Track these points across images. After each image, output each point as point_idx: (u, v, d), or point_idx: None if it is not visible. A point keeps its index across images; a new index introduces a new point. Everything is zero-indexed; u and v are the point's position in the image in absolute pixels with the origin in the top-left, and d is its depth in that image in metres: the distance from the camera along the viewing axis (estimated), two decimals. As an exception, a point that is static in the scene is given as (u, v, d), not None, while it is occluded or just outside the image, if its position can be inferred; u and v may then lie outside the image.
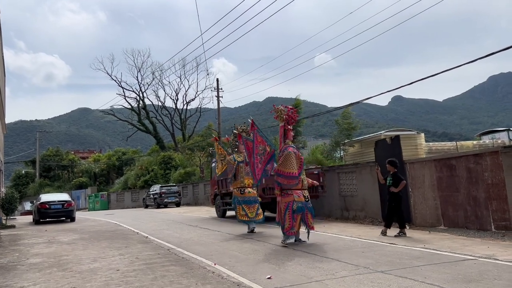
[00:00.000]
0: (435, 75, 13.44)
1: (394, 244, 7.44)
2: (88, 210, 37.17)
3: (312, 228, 7.96)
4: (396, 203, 8.61)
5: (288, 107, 8.34)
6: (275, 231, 10.41)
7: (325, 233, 9.57)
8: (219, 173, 11.52)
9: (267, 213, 14.39)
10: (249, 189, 10.25)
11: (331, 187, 13.10)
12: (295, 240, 7.99)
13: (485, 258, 5.79)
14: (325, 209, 13.57)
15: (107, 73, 51.69)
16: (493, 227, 8.20)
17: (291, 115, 8.21)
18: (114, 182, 48.03)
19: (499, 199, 8.06)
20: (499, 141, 30.99)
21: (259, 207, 10.31)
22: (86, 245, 9.47)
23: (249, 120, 9.47)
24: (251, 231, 10.01)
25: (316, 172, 13.45)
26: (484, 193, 8.38)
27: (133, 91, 51.11)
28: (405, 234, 8.43)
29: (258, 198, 10.41)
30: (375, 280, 4.75)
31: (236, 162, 10.43)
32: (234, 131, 10.78)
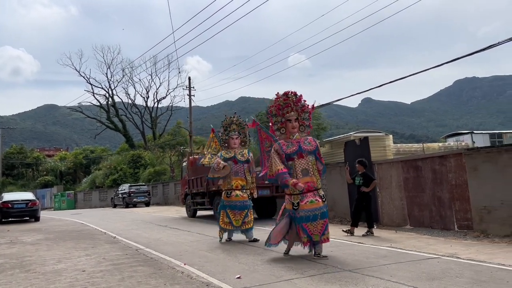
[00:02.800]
0: (404, 78, 13.86)
1: (362, 243, 7.58)
2: (54, 210, 36.16)
3: (304, 243, 6.21)
4: (367, 202, 8.78)
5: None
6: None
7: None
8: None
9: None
10: (238, 192, 8.40)
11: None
12: (286, 253, 6.57)
13: (448, 256, 5.98)
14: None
15: (75, 69, 50.26)
16: (456, 226, 8.47)
17: (278, 104, 6.53)
18: (81, 181, 46.94)
19: (462, 200, 8.34)
20: (463, 144, 32.08)
21: (249, 214, 8.44)
22: (50, 245, 9.19)
23: (251, 117, 8.79)
24: (229, 239, 8.56)
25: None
26: (448, 193, 8.65)
27: (102, 88, 50.15)
28: (373, 233, 8.61)
29: (250, 202, 8.58)
30: (342, 278, 4.83)
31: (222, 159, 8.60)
32: (252, 117, 9.08)
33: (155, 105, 51.29)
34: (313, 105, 7.36)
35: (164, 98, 51.47)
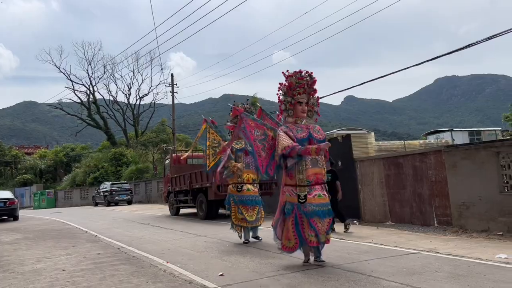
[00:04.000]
0: (385, 76, 14.01)
1: (344, 239, 7.66)
2: (34, 209, 35.53)
3: (311, 243, 5.29)
4: (335, 198, 8.62)
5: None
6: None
7: (278, 229, 9.67)
8: (211, 165, 8.48)
9: (221, 210, 14.40)
10: (249, 186, 7.83)
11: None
12: (306, 262, 5.55)
13: (428, 251, 6.09)
14: (279, 206, 13.72)
15: (55, 65, 49.30)
16: (435, 222, 8.63)
17: (290, 82, 5.62)
18: (61, 179, 46.17)
19: (442, 196, 8.50)
20: (443, 141, 32.66)
21: (261, 210, 7.90)
22: (30, 245, 9.03)
23: (229, 104, 7.63)
24: (247, 241, 7.68)
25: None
26: (428, 190, 8.80)
27: (83, 84, 49.26)
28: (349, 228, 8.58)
29: (260, 197, 8.03)
30: (324, 274, 4.87)
31: (234, 150, 7.91)
32: (231, 104, 7.84)
33: (137, 102, 50.69)
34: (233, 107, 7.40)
35: (146, 95, 50.94)
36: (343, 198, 8.86)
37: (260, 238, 7.84)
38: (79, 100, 49.21)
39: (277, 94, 5.70)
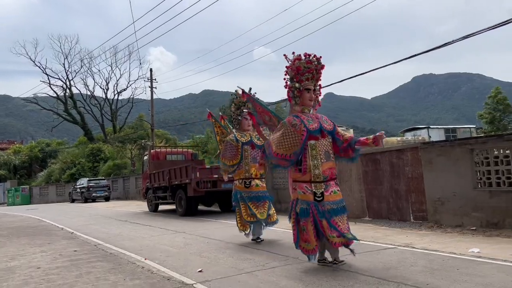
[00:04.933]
0: (365, 73, 14.18)
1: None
2: (7, 205, 34.70)
3: (336, 244, 4.79)
4: None
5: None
6: (213, 225, 10.41)
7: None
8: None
9: (201, 207, 14.36)
10: (257, 181, 7.29)
11: (265, 180, 13.27)
12: (321, 260, 5.12)
13: (404, 246, 6.20)
14: (258, 202, 13.77)
15: (30, 58, 48.10)
16: (412, 218, 8.79)
17: (298, 67, 5.03)
18: (37, 175, 45.16)
19: (418, 192, 8.66)
20: (420, 138, 33.32)
21: (271, 206, 7.38)
22: (3, 242, 8.81)
23: (238, 87, 6.96)
24: (257, 239, 7.20)
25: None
26: (405, 186, 8.95)
27: (59, 78, 48.24)
28: None
29: (268, 192, 7.56)
30: (303, 270, 4.91)
31: (239, 144, 7.26)
32: (237, 90, 7.11)
33: (115, 97, 49.96)
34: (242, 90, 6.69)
35: (124, 90, 50.21)
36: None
37: (260, 239, 7.22)
38: (55, 95, 48.25)
39: (284, 79, 5.21)
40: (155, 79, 30.85)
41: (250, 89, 7.26)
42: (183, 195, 13.15)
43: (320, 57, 5.06)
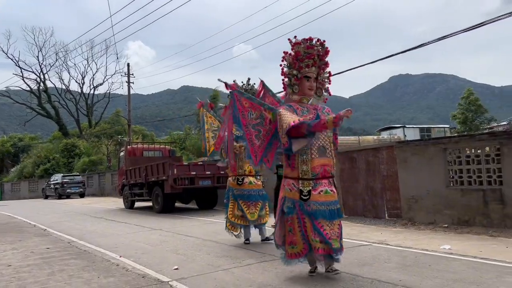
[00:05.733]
0: (343, 72, 14.32)
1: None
2: (-23, 201, 33.62)
3: (319, 251, 4.23)
4: None
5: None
6: (190, 222, 10.36)
7: (234, 222, 9.69)
8: (211, 151, 7.63)
9: (178, 204, 14.26)
10: (251, 179, 6.80)
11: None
12: (313, 272, 4.55)
13: (378, 243, 6.31)
14: (236, 199, 13.77)
15: (2, 50, 46.63)
16: (386, 215, 8.95)
17: (297, 52, 4.50)
18: (8, 170, 43.97)
19: (392, 190, 8.82)
20: (396, 137, 33.93)
21: (265, 206, 6.88)
22: (-28, 239, 8.54)
23: (219, 80, 6.34)
24: (247, 241, 6.74)
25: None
26: (380, 184, 9.10)
27: (33, 72, 46.98)
28: None
29: (265, 192, 7.04)
30: (279, 266, 4.91)
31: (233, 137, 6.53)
32: (222, 81, 6.38)
33: (91, 91, 49.08)
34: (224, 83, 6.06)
35: (101, 84, 49.42)
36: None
37: (271, 238, 6.14)
38: (28, 88, 46.95)
39: (281, 65, 4.69)
40: (132, 74, 30.47)
41: (249, 79, 6.74)
42: (160, 192, 13.03)
43: (324, 41, 4.53)
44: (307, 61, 4.49)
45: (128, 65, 30.90)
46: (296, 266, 4.66)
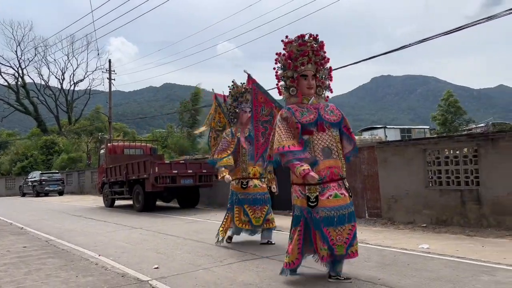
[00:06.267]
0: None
1: (280, 231, 7.80)
2: (-49, 199, 32.74)
3: (324, 259, 4.06)
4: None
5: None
6: (171, 221, 10.28)
7: (216, 221, 9.66)
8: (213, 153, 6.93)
9: (159, 202, 14.15)
10: (256, 182, 6.41)
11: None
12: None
13: (358, 242, 6.34)
14: (219, 198, 13.76)
15: (-21, 44, 45.55)
16: (366, 214, 9.06)
17: (290, 52, 4.29)
18: (-16, 167, 42.87)
19: (373, 190, 8.92)
20: (377, 137, 34.31)
21: (270, 210, 6.48)
22: None
23: (244, 71, 5.84)
24: (229, 240, 6.58)
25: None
26: (361, 183, 9.20)
27: (11, 66, 46.12)
28: None
29: (268, 194, 6.55)
30: (260, 265, 4.94)
31: (233, 139, 6.48)
32: (247, 72, 5.98)
33: (72, 88, 48.24)
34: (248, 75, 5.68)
35: (81, 80, 48.77)
36: (281, 191, 9.02)
37: (273, 242, 6.39)
38: (6, 83, 45.87)
39: (274, 68, 4.44)
40: (113, 71, 30.05)
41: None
42: (140, 191, 12.91)
43: (317, 35, 4.27)
44: (301, 59, 4.25)
45: (109, 61, 30.47)
46: (277, 265, 4.67)
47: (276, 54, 4.39)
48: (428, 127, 45.27)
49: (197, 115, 37.45)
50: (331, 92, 4.49)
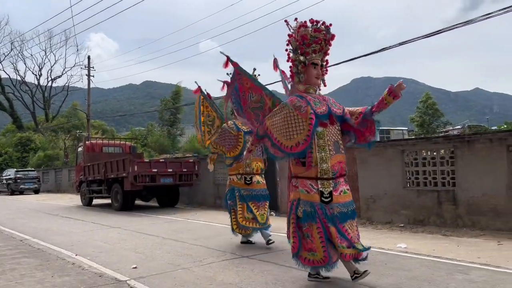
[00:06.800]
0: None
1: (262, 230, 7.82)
2: None
3: (347, 257, 3.79)
4: None
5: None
6: (150, 220, 10.18)
7: (196, 221, 9.63)
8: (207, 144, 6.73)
9: (138, 201, 14.00)
10: (258, 178, 6.22)
11: (206, 175, 13.23)
12: (313, 275, 4.16)
13: (338, 242, 6.42)
14: (199, 197, 13.71)
15: (-48, 38, 44.11)
16: (346, 214, 9.14)
17: (304, 35, 3.97)
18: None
19: (352, 190, 8.84)
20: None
21: (268, 207, 6.38)
22: None
23: (221, 52, 4.95)
24: (251, 242, 6.35)
25: (191, 160, 13.59)
26: (340, 183, 9.28)
27: (-15, 61, 44.68)
28: None
29: (267, 191, 6.40)
30: (239, 264, 4.94)
31: (240, 133, 6.13)
32: (224, 54, 4.96)
33: (49, 84, 47.26)
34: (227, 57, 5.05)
35: (59, 77, 47.65)
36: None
37: (272, 241, 6.16)
38: (-20, 78, 44.61)
39: (286, 50, 4.16)
40: (93, 67, 29.54)
41: (254, 69, 6.11)
42: (119, 189, 12.74)
43: (330, 25, 4.03)
44: (314, 46, 4.00)
45: (88, 57, 29.98)
46: (257, 264, 4.67)
47: (289, 35, 4.10)
48: (406, 128, 46.06)
49: (177, 114, 37.20)
50: (325, 86, 4.29)
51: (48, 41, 58.97)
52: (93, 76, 29.16)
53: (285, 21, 4.12)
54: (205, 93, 6.75)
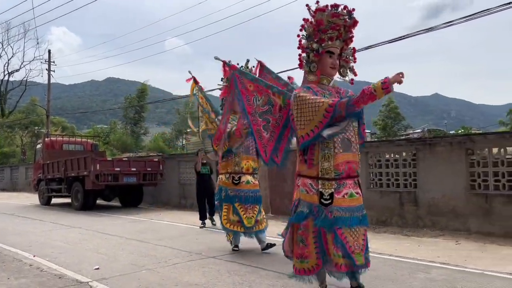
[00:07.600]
0: (280, 73, 14.60)
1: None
2: None
3: (342, 268, 3.40)
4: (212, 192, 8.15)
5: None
6: (113, 220, 9.93)
7: (161, 221, 9.47)
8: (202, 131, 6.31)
9: (99, 201, 13.63)
10: (249, 178, 5.80)
11: (171, 175, 13.06)
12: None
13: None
14: (163, 197, 13.50)
15: None
16: (311, 214, 9.24)
17: (319, 20, 3.57)
18: None
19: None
20: (321, 140, 35.16)
21: (261, 210, 5.88)
22: None
23: (216, 58, 4.87)
24: (236, 248, 5.82)
25: (156, 159, 13.39)
26: (306, 184, 9.38)
27: None
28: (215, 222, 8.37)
29: (259, 192, 5.97)
30: (206, 265, 4.89)
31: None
32: (220, 59, 4.88)
33: (6, 78, 45.20)
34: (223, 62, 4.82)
35: (17, 71, 45.58)
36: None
37: (274, 244, 5.77)
38: None
39: (298, 35, 3.73)
40: (53, 62, 28.52)
41: (248, 61, 5.70)
42: (80, 188, 12.35)
43: (353, 9, 3.60)
44: (331, 32, 3.58)
45: (49, 51, 28.92)
46: (223, 265, 4.64)
47: (303, 20, 3.69)
48: (369, 131, 47.16)
49: (142, 112, 36.54)
50: (356, 75, 3.86)
51: (5, 33, 56.50)
52: (53, 71, 28.17)
53: (307, 5, 3.68)
54: (200, 85, 6.37)
